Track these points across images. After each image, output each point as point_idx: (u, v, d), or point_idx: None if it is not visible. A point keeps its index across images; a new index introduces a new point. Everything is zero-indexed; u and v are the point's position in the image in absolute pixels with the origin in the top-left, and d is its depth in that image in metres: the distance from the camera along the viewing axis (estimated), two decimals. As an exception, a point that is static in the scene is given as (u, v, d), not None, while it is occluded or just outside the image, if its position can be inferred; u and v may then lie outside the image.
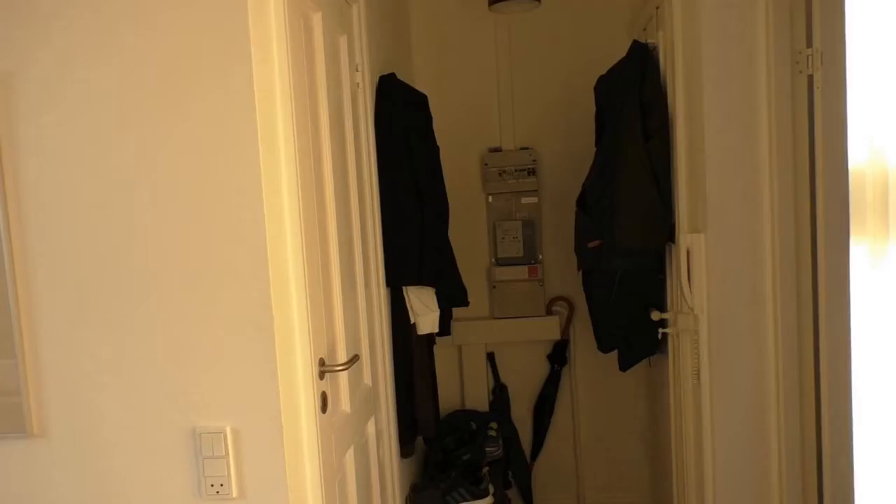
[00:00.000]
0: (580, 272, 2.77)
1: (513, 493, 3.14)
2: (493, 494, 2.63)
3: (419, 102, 2.50)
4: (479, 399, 3.37)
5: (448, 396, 3.29)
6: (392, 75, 2.37)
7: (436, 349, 2.80)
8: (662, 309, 2.43)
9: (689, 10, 2.03)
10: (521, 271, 3.23)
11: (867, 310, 1.18)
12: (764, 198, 1.88)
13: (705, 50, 1.89)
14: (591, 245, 2.54)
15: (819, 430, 1.85)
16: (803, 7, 1.80)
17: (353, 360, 1.74)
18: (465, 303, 2.69)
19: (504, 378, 3.35)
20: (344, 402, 1.76)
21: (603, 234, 2.46)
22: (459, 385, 3.38)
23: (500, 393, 3.33)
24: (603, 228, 2.45)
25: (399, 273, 2.30)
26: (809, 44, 1.78)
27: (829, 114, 1.70)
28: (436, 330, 2.47)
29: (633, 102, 2.33)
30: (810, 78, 1.78)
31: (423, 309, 2.42)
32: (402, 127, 2.31)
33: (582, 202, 2.66)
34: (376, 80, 2.29)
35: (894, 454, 1.37)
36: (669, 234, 2.32)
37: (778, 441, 1.93)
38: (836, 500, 1.76)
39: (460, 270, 2.68)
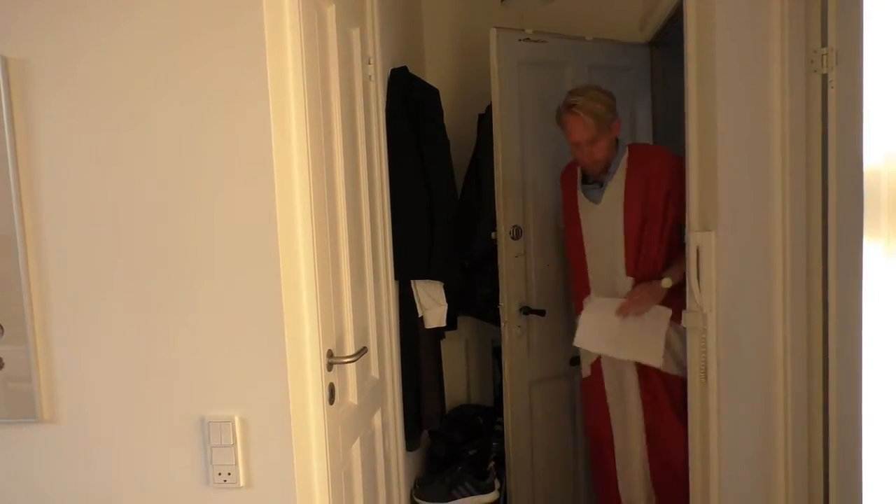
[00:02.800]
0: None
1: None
2: (499, 489, 2.63)
3: (430, 96, 2.50)
4: (485, 394, 3.37)
5: (454, 391, 3.29)
6: (404, 68, 2.37)
7: (442, 343, 2.81)
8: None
9: (703, 8, 2.02)
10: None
11: (879, 310, 1.17)
12: (775, 197, 1.87)
13: (719, 48, 1.88)
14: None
15: (826, 430, 1.84)
16: (818, 6, 1.78)
17: (361, 352, 1.74)
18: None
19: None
20: (351, 393, 1.76)
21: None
22: (466, 379, 3.38)
23: (505, 388, 3.33)
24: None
25: (408, 267, 2.30)
26: (824, 43, 1.76)
27: (843, 113, 1.69)
28: (443, 324, 2.48)
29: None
30: (824, 77, 1.77)
31: (431, 303, 2.42)
32: (412, 121, 2.31)
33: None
34: (388, 73, 2.29)
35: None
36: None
37: (785, 440, 1.92)
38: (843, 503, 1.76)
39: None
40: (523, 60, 2.81)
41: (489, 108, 2.84)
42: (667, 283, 2.38)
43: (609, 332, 2.47)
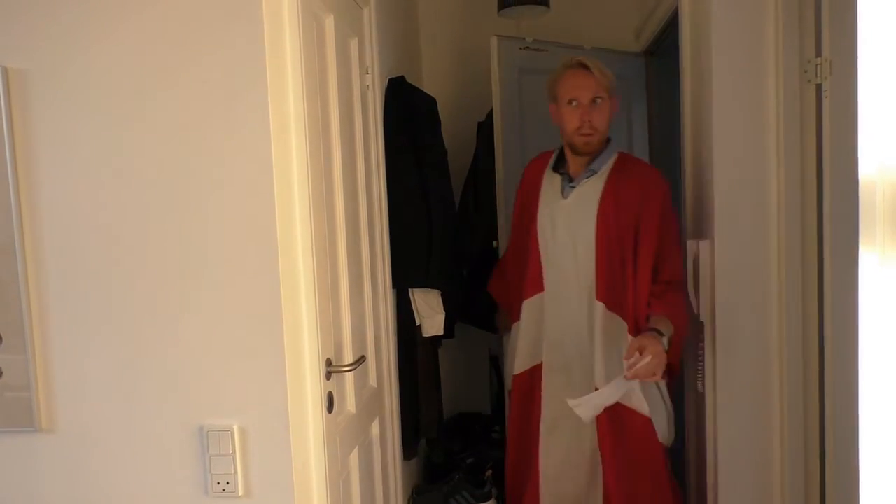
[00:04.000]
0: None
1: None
2: (496, 497, 2.63)
3: (428, 105, 2.51)
4: (482, 402, 3.37)
5: (452, 399, 3.29)
6: (401, 78, 2.38)
7: (440, 351, 2.81)
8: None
9: (697, 17, 2.04)
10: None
11: (875, 318, 1.18)
12: (771, 205, 1.88)
13: (714, 57, 1.89)
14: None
15: (823, 436, 1.85)
16: (813, 16, 1.80)
17: (360, 361, 1.75)
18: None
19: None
20: (349, 402, 1.76)
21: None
22: (463, 388, 3.38)
23: (503, 396, 3.33)
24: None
25: (406, 275, 2.31)
26: (818, 52, 1.78)
27: (837, 123, 1.70)
28: (441, 332, 2.48)
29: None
30: (819, 87, 1.78)
31: (429, 311, 2.42)
32: (410, 130, 2.32)
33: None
34: (386, 82, 2.30)
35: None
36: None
37: (781, 447, 1.93)
38: (840, 508, 1.76)
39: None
40: (524, 69, 2.82)
41: (489, 116, 2.85)
42: (665, 342, 1.90)
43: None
